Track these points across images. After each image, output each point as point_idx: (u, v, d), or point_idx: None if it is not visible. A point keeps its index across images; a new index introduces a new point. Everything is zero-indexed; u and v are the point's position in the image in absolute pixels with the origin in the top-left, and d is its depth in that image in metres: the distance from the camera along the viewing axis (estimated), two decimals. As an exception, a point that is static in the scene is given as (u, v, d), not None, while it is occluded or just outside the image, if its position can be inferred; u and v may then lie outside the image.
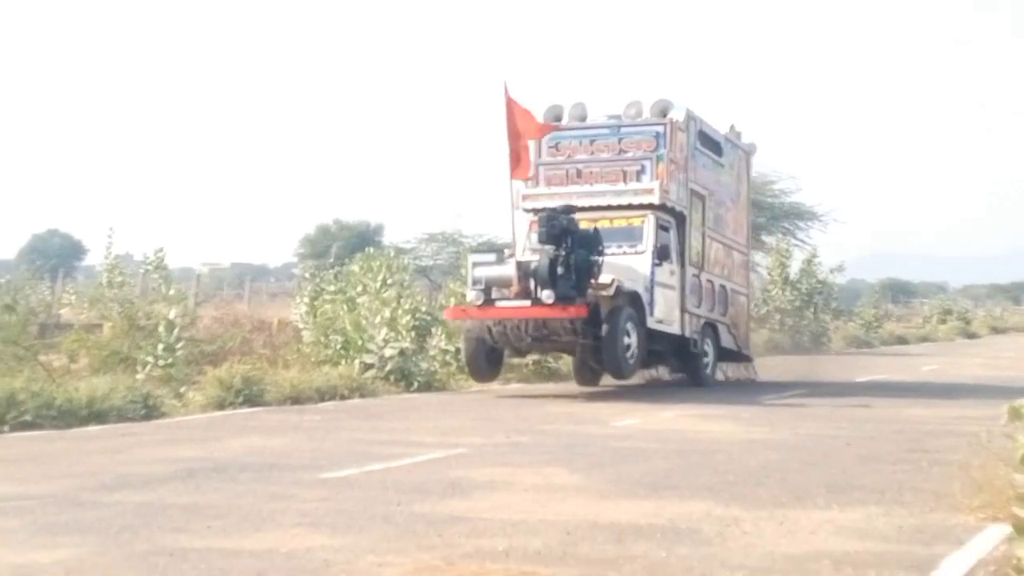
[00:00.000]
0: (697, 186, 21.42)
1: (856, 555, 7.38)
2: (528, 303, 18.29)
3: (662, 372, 22.31)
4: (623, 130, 20.66)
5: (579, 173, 20.72)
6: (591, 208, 20.02)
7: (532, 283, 18.30)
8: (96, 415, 14.83)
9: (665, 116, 20.58)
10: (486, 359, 19.27)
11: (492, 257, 19.27)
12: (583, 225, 19.13)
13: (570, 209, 18.73)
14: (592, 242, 18.42)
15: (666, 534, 7.96)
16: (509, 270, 18.57)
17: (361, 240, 49.48)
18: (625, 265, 19.21)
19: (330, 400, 18.29)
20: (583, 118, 20.98)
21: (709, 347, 21.64)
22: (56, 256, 64.90)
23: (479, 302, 18.51)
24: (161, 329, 18.62)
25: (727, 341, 22.45)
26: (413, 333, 21.11)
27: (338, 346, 21.14)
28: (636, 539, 7.79)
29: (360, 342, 20.64)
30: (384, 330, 20.56)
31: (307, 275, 28.37)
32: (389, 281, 22.66)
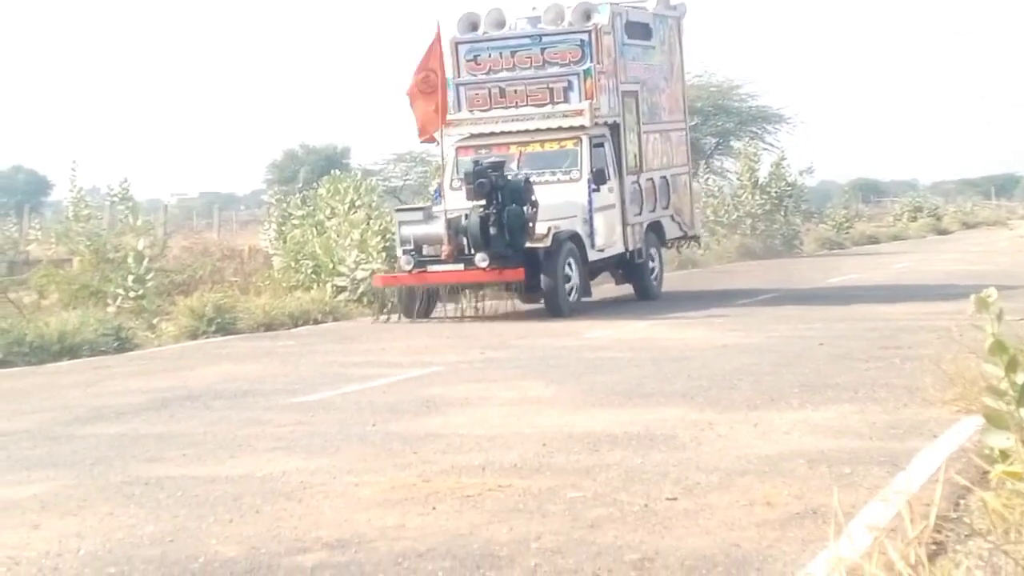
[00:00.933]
0: (629, 85, 20.04)
1: (831, 453, 7.42)
2: (462, 267, 17.35)
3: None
4: (545, 39, 19.15)
5: (502, 92, 19.20)
6: (518, 132, 18.96)
7: (464, 240, 17.35)
8: (68, 350, 14.79)
9: (589, 20, 19.03)
10: (420, 304, 18.15)
11: (419, 215, 18.06)
12: (512, 150, 18.65)
13: (498, 164, 17.55)
14: (523, 195, 17.31)
15: (641, 441, 7.99)
16: (438, 228, 17.44)
17: (328, 163, 49.21)
18: (561, 201, 18.16)
19: (303, 325, 18.28)
20: (501, 24, 19.42)
21: (655, 254, 20.69)
22: (21, 193, 64.47)
23: (409, 267, 17.52)
24: (130, 261, 18.55)
25: (672, 231, 21.46)
26: (384, 254, 21.01)
27: (309, 271, 21.07)
28: (611, 447, 7.82)
29: (331, 265, 20.59)
30: (355, 252, 20.47)
31: (274, 201, 28.18)
32: (358, 203, 22.49)
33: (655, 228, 20.71)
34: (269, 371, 12.64)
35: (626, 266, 20.06)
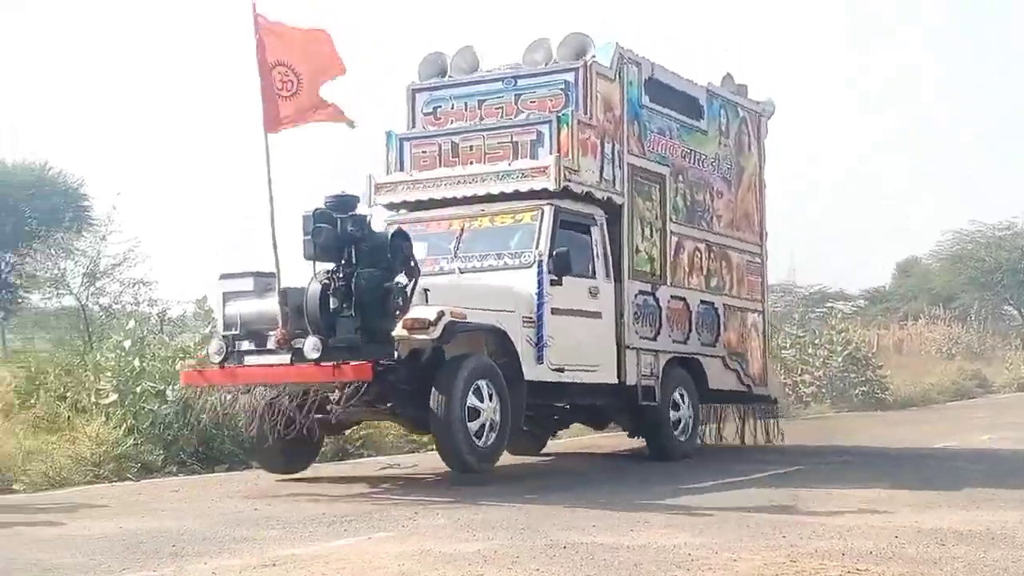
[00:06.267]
0: (651, 163, 12.51)
1: None
2: (288, 358, 9.82)
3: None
4: (521, 82, 11.98)
5: (454, 148, 11.88)
6: (465, 200, 11.69)
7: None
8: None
9: (581, 57, 11.90)
10: (280, 436, 10.02)
11: (250, 283, 10.22)
12: (454, 226, 11.63)
13: (351, 201, 9.93)
14: (391, 254, 9.72)
15: (983, 538, 7.65)
16: (270, 304, 10.02)
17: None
18: (497, 288, 10.77)
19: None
20: (473, 68, 12.38)
21: (682, 398, 12.76)
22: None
23: (219, 358, 10.12)
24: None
25: (722, 381, 13.49)
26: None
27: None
28: (956, 543, 7.52)
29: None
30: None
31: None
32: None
33: (691, 368, 13.05)
34: (664, 465, 12.56)
35: (632, 409, 12.36)
